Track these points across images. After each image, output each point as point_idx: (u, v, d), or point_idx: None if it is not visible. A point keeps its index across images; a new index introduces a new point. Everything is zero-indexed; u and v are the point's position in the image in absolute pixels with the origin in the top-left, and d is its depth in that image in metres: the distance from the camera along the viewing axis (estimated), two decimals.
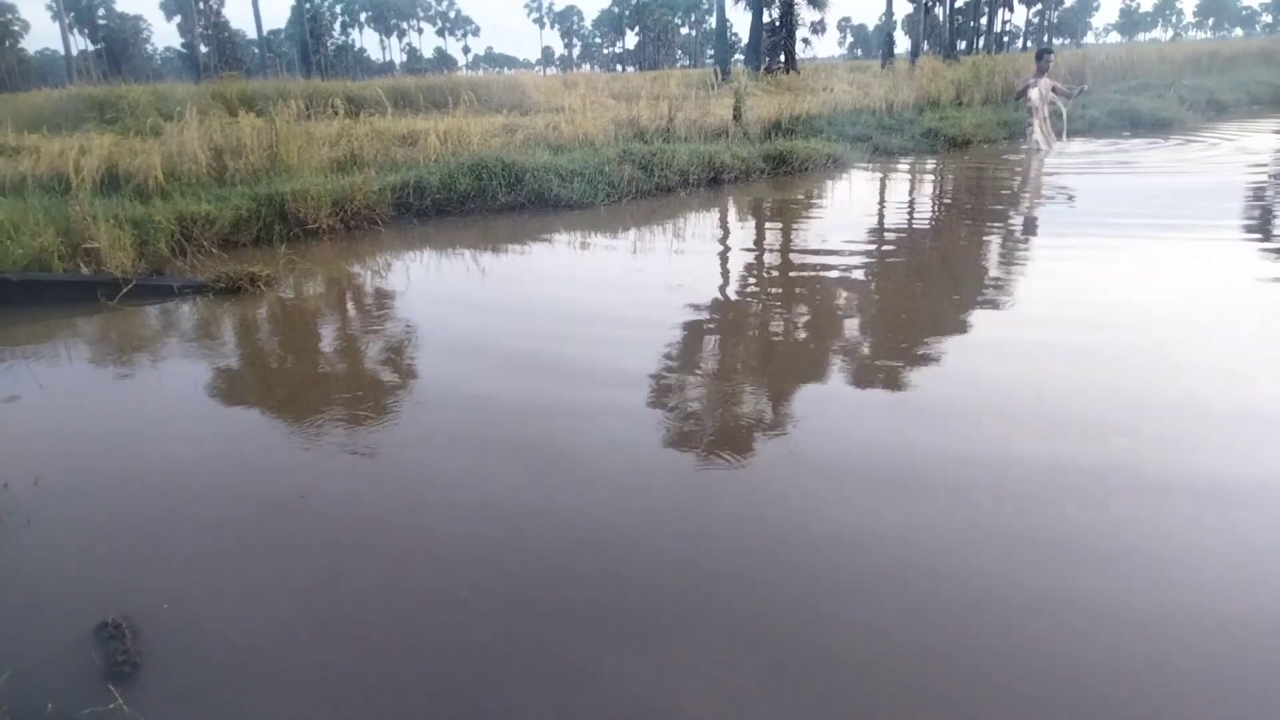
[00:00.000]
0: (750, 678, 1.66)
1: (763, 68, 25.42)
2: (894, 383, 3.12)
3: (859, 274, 4.93)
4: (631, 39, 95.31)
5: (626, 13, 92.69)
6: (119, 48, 67.80)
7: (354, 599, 1.98)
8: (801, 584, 1.95)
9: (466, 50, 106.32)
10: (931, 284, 4.72)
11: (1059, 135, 10.44)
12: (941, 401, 2.95)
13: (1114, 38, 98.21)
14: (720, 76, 15.60)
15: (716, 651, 1.74)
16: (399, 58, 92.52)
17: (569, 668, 1.71)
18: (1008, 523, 2.16)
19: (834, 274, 4.93)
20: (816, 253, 5.56)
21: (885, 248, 5.74)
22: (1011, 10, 70.24)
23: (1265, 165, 8.50)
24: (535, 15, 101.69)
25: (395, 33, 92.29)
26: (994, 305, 4.15)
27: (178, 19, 68.61)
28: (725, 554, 2.09)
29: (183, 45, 66.38)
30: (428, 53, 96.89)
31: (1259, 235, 5.46)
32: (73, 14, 62.83)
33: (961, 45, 49.53)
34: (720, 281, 4.94)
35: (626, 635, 1.81)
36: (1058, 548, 2.04)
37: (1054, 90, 10.27)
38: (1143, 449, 2.54)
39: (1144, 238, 5.44)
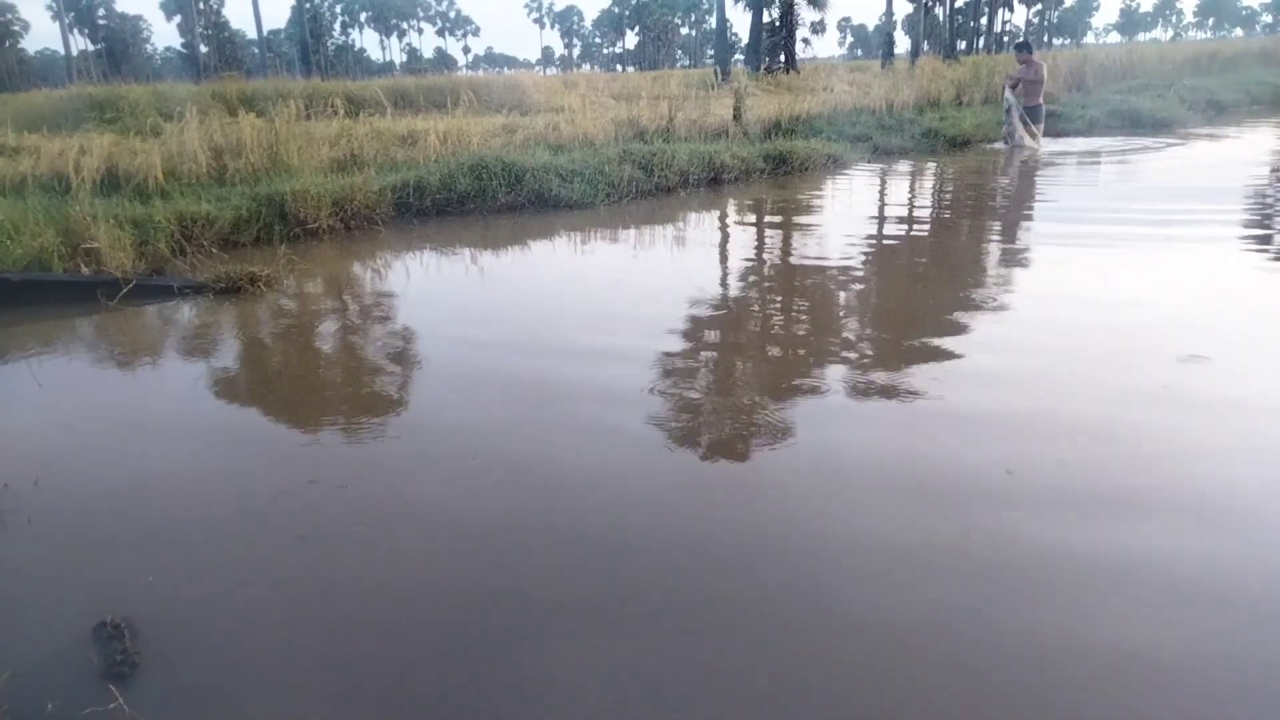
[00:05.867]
0: (751, 675, 1.66)
1: (763, 68, 25.43)
2: (895, 383, 3.12)
3: (859, 274, 4.93)
4: (631, 39, 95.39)
5: (626, 13, 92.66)
6: (119, 48, 67.75)
7: (355, 597, 1.98)
8: (804, 582, 1.95)
9: (466, 50, 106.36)
10: (932, 284, 4.72)
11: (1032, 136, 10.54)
12: (943, 402, 2.95)
13: (1114, 38, 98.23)
14: (720, 76, 15.60)
15: (717, 649, 1.74)
16: (399, 58, 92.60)
17: (572, 664, 1.71)
18: (1009, 521, 2.16)
19: (834, 274, 4.93)
20: (817, 253, 5.56)
21: (885, 248, 5.75)
22: (1011, 10, 70.28)
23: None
24: (535, 15, 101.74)
25: (395, 33, 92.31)
26: (993, 305, 4.14)
27: (178, 19, 68.62)
28: (728, 555, 2.09)
29: (183, 45, 66.35)
30: (428, 53, 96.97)
31: (1247, 234, 5.46)
32: (73, 14, 62.79)
33: (961, 45, 49.55)
34: (721, 282, 4.94)
35: (628, 631, 1.81)
36: (1058, 551, 2.04)
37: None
38: (1157, 457, 2.54)
39: (1138, 236, 5.44)
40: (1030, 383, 3.10)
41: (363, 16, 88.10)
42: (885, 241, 5.94)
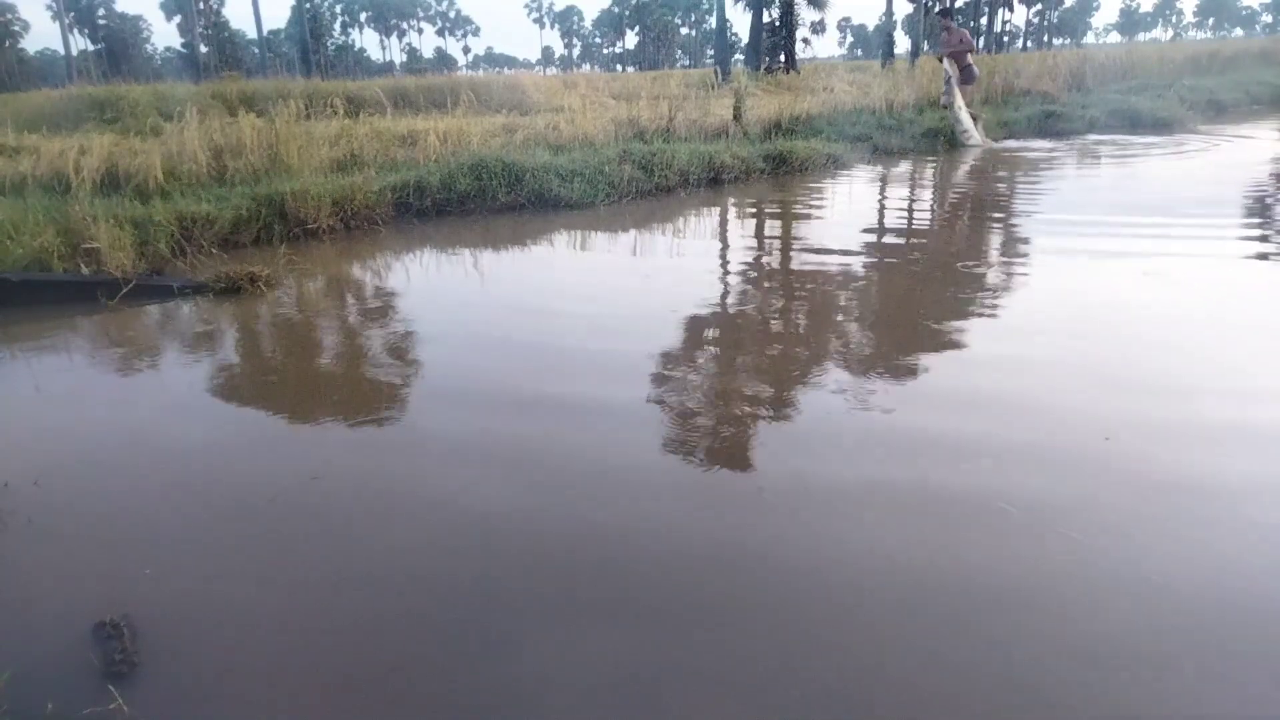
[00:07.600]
0: (752, 672, 1.67)
1: (763, 68, 25.43)
2: (895, 389, 3.12)
3: (859, 275, 4.93)
4: (631, 39, 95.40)
5: (626, 13, 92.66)
6: (119, 48, 67.76)
7: (354, 595, 1.98)
8: (800, 579, 1.96)
9: (466, 50, 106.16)
10: (933, 286, 4.72)
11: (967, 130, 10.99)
12: (944, 408, 2.95)
13: (1114, 38, 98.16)
14: (720, 76, 15.58)
15: (713, 643, 1.74)
16: (399, 58, 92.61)
17: (573, 663, 1.72)
18: (1006, 528, 2.16)
19: (834, 275, 4.93)
20: (817, 253, 5.56)
21: (885, 248, 5.74)
22: (1011, 10, 70.31)
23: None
24: (535, 15, 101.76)
25: (395, 33, 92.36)
26: (995, 311, 4.15)
27: (178, 19, 68.69)
28: (725, 553, 2.09)
29: (183, 45, 66.39)
30: (428, 53, 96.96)
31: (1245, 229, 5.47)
32: (73, 14, 62.80)
33: None
34: (720, 283, 4.94)
35: (630, 627, 1.81)
36: (1056, 560, 2.04)
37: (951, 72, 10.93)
38: (1159, 466, 2.54)
39: (1135, 235, 5.45)
40: (1029, 401, 3.10)
41: (363, 16, 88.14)
42: (884, 244, 5.94)
